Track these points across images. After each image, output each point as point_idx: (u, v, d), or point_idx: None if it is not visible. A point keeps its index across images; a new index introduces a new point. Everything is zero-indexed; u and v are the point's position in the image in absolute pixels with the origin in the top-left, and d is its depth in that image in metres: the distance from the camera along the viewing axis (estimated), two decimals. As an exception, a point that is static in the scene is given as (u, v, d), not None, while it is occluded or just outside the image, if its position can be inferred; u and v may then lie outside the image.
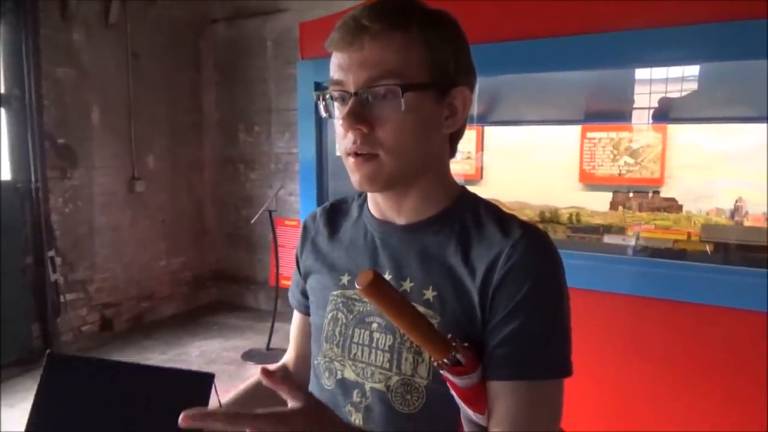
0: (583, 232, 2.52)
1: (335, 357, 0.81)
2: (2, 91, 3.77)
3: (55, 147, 4.01)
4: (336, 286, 0.83)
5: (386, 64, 0.70)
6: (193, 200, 5.16)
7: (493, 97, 2.93)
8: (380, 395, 0.77)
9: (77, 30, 4.11)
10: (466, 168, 2.94)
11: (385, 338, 0.77)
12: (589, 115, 2.68)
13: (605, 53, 2.09)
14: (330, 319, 0.82)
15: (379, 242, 0.81)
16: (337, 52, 0.74)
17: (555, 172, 2.70)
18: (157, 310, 4.82)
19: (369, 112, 0.72)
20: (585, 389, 2.21)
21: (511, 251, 0.71)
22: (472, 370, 0.69)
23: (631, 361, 2.11)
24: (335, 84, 0.74)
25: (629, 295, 2.07)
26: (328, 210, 0.92)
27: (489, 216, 0.77)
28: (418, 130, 0.73)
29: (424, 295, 0.75)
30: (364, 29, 0.70)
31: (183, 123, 4.99)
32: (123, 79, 4.44)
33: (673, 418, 1.99)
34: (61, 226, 4.07)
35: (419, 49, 0.72)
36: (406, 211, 0.80)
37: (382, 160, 0.73)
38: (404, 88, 0.70)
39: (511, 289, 0.70)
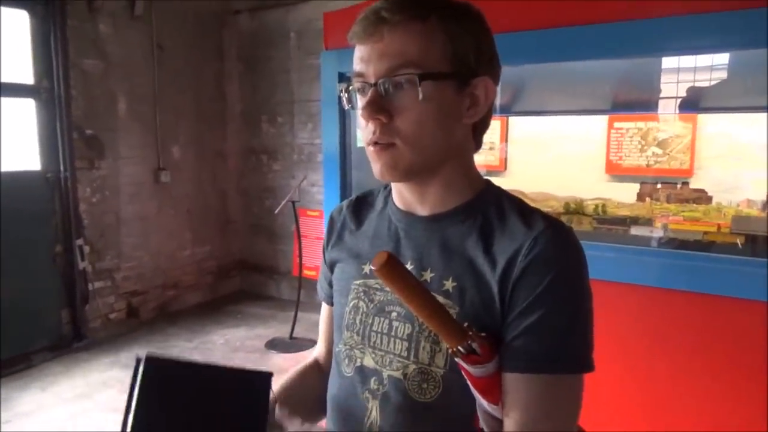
0: (610, 223, 2.48)
1: (355, 345, 0.83)
2: (32, 83, 3.84)
3: (83, 138, 4.08)
4: (359, 275, 0.84)
5: (405, 54, 0.71)
6: (217, 190, 5.22)
7: (518, 87, 2.90)
8: (397, 383, 0.77)
9: (104, 22, 4.17)
10: (490, 159, 2.91)
11: (404, 327, 0.78)
12: (616, 105, 2.63)
13: (633, 41, 2.05)
14: (351, 308, 0.84)
15: (402, 233, 0.82)
16: (358, 44, 0.74)
17: (580, 162, 2.66)
18: (182, 298, 4.90)
19: (388, 102, 0.72)
20: (611, 381, 2.19)
21: (532, 243, 0.71)
22: (487, 359, 0.69)
23: (659, 354, 2.08)
24: (357, 76, 0.75)
25: (656, 287, 2.03)
26: (354, 202, 0.93)
27: (512, 209, 0.77)
28: (437, 119, 0.73)
29: (444, 286, 0.76)
30: (384, 20, 0.71)
31: (207, 114, 5.04)
32: (148, 70, 4.49)
33: (702, 412, 1.97)
34: (89, 216, 4.15)
35: (439, 40, 0.72)
36: (430, 202, 0.80)
37: (399, 149, 0.73)
38: (421, 77, 0.70)
39: (532, 281, 0.70)
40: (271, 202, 4.97)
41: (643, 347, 2.12)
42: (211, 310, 4.83)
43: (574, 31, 2.11)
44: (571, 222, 2.57)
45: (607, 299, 2.11)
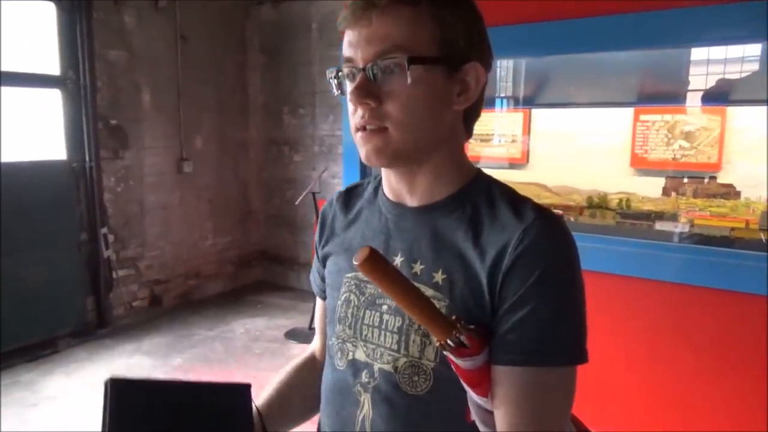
0: (634, 218, 2.44)
1: (347, 338, 0.82)
2: (58, 74, 3.91)
3: (107, 128, 4.14)
4: (350, 269, 0.83)
5: (394, 38, 0.70)
6: (238, 181, 5.26)
7: (542, 79, 2.86)
8: (388, 376, 0.77)
9: (129, 13, 4.21)
10: (512, 152, 2.88)
11: (394, 320, 0.77)
12: (642, 97, 2.58)
13: (660, 32, 2.01)
14: (343, 301, 0.83)
15: (392, 224, 0.82)
16: (347, 29, 0.74)
17: (605, 156, 2.61)
18: (203, 287, 4.96)
19: (377, 87, 0.72)
20: (629, 377, 2.17)
21: (522, 235, 0.70)
22: (476, 352, 0.68)
23: (681, 350, 2.05)
24: (347, 61, 0.74)
25: (680, 284, 2.00)
26: (343, 194, 0.93)
27: (502, 199, 0.76)
28: (426, 104, 0.73)
29: (434, 278, 0.75)
30: (373, 5, 0.71)
31: (229, 105, 5.07)
32: (172, 61, 4.53)
33: (725, 409, 1.94)
34: (113, 205, 4.22)
35: (428, 24, 0.71)
36: (419, 192, 0.79)
37: (390, 133, 0.73)
38: (410, 60, 0.70)
39: (522, 273, 0.69)
40: (292, 194, 4.99)
41: (666, 343, 2.09)
42: (231, 299, 4.88)
43: (599, 21, 2.08)
44: (594, 216, 2.54)
45: (629, 294, 2.10)
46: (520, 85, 2.86)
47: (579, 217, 2.57)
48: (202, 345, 3.93)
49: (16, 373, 3.43)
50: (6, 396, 3.20)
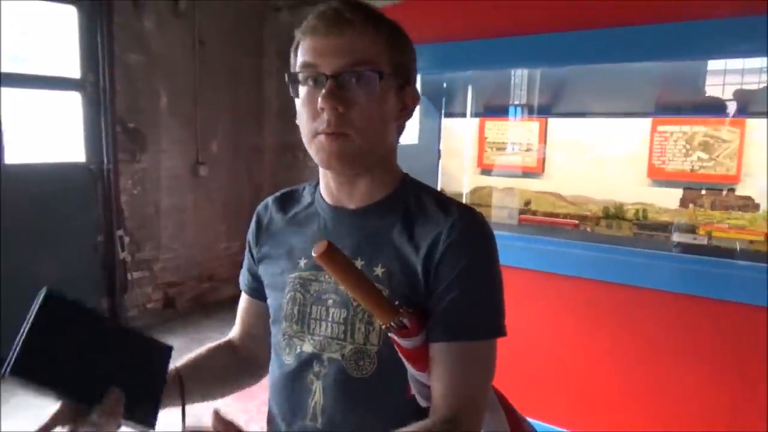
0: (650, 229, 2.42)
1: (294, 333, 0.89)
2: (78, 77, 3.96)
3: (125, 131, 4.19)
4: (293, 269, 0.91)
5: (363, 52, 0.78)
6: (252, 185, 5.29)
7: (559, 88, 2.85)
8: (337, 364, 0.85)
9: (148, 18, 4.26)
10: (528, 161, 2.87)
11: (340, 312, 0.85)
12: (660, 108, 2.56)
13: (678, 43, 2.01)
14: (288, 299, 0.90)
15: (331, 226, 0.90)
16: (313, 37, 0.80)
17: (621, 166, 2.59)
18: (217, 290, 4.99)
19: (344, 95, 0.78)
20: (619, 382, 2.16)
21: (450, 230, 0.81)
22: (415, 333, 0.78)
23: (685, 360, 2.04)
24: (308, 67, 0.80)
25: (684, 294, 2.00)
26: (279, 198, 1.01)
27: (430, 199, 0.87)
28: (381, 115, 0.82)
29: (374, 272, 0.84)
30: (345, 19, 0.78)
31: (245, 109, 5.11)
32: (190, 65, 4.57)
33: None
34: (129, 207, 4.26)
35: (387, 48, 0.81)
36: (358, 196, 0.88)
37: (353, 138, 0.80)
38: (380, 75, 0.79)
39: (451, 262, 0.80)
40: (306, 198, 5.00)
41: (677, 356, 2.07)
42: (244, 303, 4.89)
43: (616, 32, 2.08)
44: (610, 227, 2.52)
45: (625, 301, 2.09)
46: (537, 94, 2.85)
47: (595, 227, 2.56)
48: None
49: (31, 372, 3.46)
50: (20, 396, 3.22)
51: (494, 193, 2.93)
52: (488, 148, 2.97)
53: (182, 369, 0.93)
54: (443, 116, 3.08)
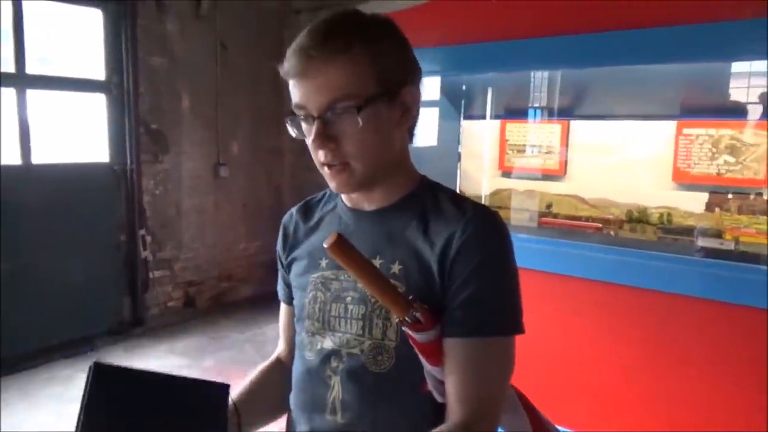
0: (675, 233, 2.37)
1: (316, 331, 0.91)
2: (103, 79, 4.03)
3: (148, 132, 4.24)
4: (316, 269, 0.93)
5: (339, 88, 0.79)
6: (272, 186, 5.32)
7: (582, 90, 2.81)
8: (355, 359, 0.86)
9: (171, 21, 4.32)
10: (549, 163, 2.84)
11: (359, 308, 0.87)
12: (685, 111, 2.51)
13: (702, 45, 1.98)
14: (311, 299, 0.92)
15: (351, 228, 0.92)
16: (294, 79, 0.82)
17: (645, 169, 2.55)
18: (235, 290, 5.03)
19: (333, 130, 0.81)
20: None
21: (465, 227, 0.82)
22: (429, 327, 0.79)
23: (718, 369, 2.00)
24: (299, 108, 0.83)
25: (726, 302, 1.96)
26: (302, 207, 1.03)
27: (446, 198, 0.88)
28: (378, 135, 0.83)
29: (391, 269, 0.85)
30: (312, 58, 0.78)
31: (265, 111, 5.14)
32: (211, 68, 4.62)
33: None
34: (151, 207, 4.31)
35: (364, 64, 0.80)
36: (375, 199, 0.91)
37: (352, 167, 0.83)
38: (358, 107, 0.79)
39: (466, 259, 0.81)
40: (325, 200, 5.02)
41: (705, 360, 2.04)
42: (263, 303, 4.91)
43: (638, 34, 2.05)
44: (634, 230, 2.48)
45: (673, 312, 2.06)
46: (559, 96, 2.82)
47: (618, 230, 2.52)
48: (234, 347, 3.98)
49: (54, 369, 3.53)
50: (44, 390, 3.29)
51: (515, 196, 2.90)
52: (509, 150, 2.94)
53: (238, 402, 0.93)
54: (462, 118, 3.06)
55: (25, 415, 3.04)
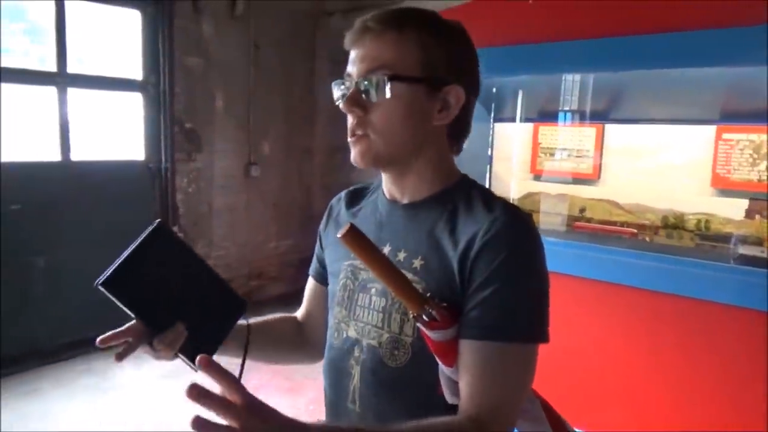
0: (713, 240, 2.32)
1: (343, 318, 0.93)
2: (140, 79, 4.12)
3: (183, 131, 4.32)
4: (348, 258, 0.94)
5: (380, 58, 0.82)
6: (302, 186, 5.36)
7: (617, 93, 2.77)
8: (374, 350, 0.88)
9: (207, 22, 4.39)
10: (584, 167, 2.80)
11: (380, 301, 0.88)
12: (725, 115, 2.45)
13: (740, 49, 1.92)
14: (341, 286, 0.95)
15: (384, 219, 0.94)
16: (349, 49, 0.87)
17: (683, 174, 2.49)
18: (265, 289, 5.08)
19: (364, 99, 0.84)
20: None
21: (489, 226, 0.80)
22: (444, 326, 0.78)
23: (760, 378, 1.94)
24: (347, 76, 0.87)
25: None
26: (350, 192, 1.06)
27: (479, 198, 0.87)
28: (405, 117, 0.84)
29: (413, 264, 0.86)
30: (367, 29, 0.84)
31: (297, 111, 5.19)
32: (245, 68, 4.68)
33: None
34: (184, 205, 4.39)
35: (412, 48, 0.83)
36: (408, 192, 0.91)
37: (371, 139, 0.85)
38: (391, 78, 0.81)
39: (487, 259, 0.79)
40: (354, 200, 5.03)
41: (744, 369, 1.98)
42: (292, 301, 4.90)
43: (678, 37, 2.01)
44: (670, 237, 2.43)
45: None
46: (593, 99, 2.78)
47: (654, 236, 2.47)
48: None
49: (91, 361, 3.62)
50: (79, 381, 3.38)
51: (546, 199, 2.87)
52: (541, 153, 2.91)
53: (252, 325, 0.99)
54: (493, 121, 3.04)
55: (60, 403, 3.13)
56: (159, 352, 0.86)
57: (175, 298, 0.85)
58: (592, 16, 2.20)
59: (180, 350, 0.85)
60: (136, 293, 0.83)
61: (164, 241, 0.85)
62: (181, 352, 0.85)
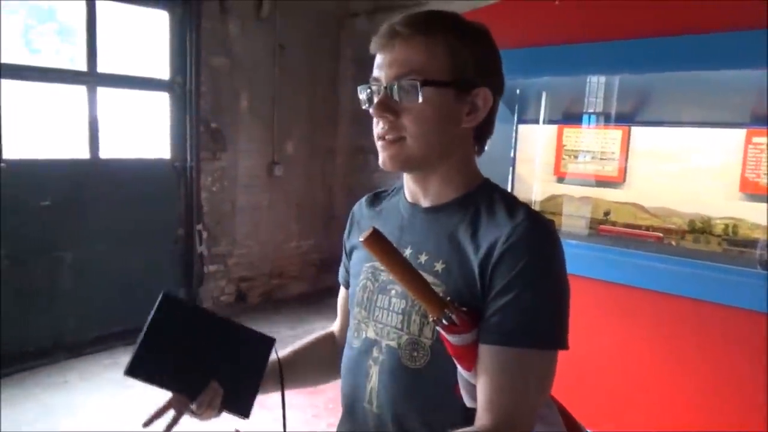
0: (741, 245, 2.27)
1: (362, 319, 0.94)
2: (167, 78, 4.18)
3: (208, 131, 4.38)
4: (369, 259, 0.95)
5: (411, 63, 0.83)
6: (325, 186, 5.39)
7: (644, 95, 2.73)
8: (393, 351, 0.88)
9: (233, 22, 4.45)
10: (608, 169, 2.76)
11: (400, 303, 0.88)
12: (756, 119, 2.40)
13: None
14: (361, 287, 0.96)
15: (406, 222, 0.94)
16: (376, 53, 0.87)
17: (710, 178, 2.45)
18: (286, 287, 5.12)
19: (396, 103, 0.84)
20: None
21: (511, 231, 0.80)
22: (464, 330, 0.78)
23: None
24: (374, 80, 0.87)
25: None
26: (371, 197, 1.08)
27: (501, 202, 0.87)
28: (436, 120, 0.84)
29: (434, 267, 0.86)
30: (396, 33, 0.83)
31: (320, 112, 5.22)
32: (270, 68, 4.73)
33: None
34: (208, 203, 4.45)
35: (441, 52, 0.83)
36: (431, 195, 0.91)
37: (406, 142, 0.85)
38: (423, 83, 0.82)
39: (508, 265, 0.79)
40: (376, 201, 5.04)
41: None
42: (313, 300, 4.99)
43: (707, 38, 1.97)
44: (697, 241, 2.38)
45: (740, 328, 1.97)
46: (619, 101, 2.75)
47: (680, 241, 2.43)
48: (284, 343, 4.02)
49: (116, 355, 3.69)
50: (105, 374, 3.45)
51: (570, 202, 2.85)
52: (566, 155, 2.89)
53: (284, 359, 1.01)
54: (516, 122, 3.02)
55: (86, 396, 3.19)
56: (201, 415, 0.89)
57: (201, 359, 0.86)
58: (620, 17, 2.18)
59: (223, 406, 0.86)
60: (163, 369, 0.84)
61: (173, 309, 0.86)
62: (224, 407, 0.87)
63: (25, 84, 3.51)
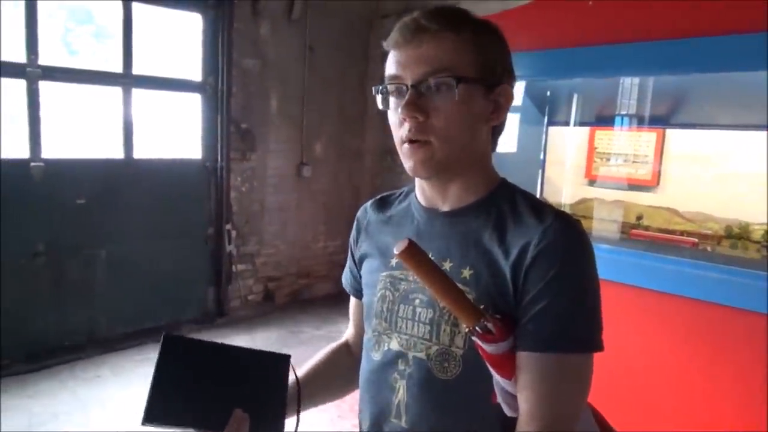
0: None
1: (383, 330, 0.90)
2: (199, 80, 4.25)
3: (238, 131, 4.44)
4: (386, 268, 0.92)
5: (441, 60, 0.79)
6: (352, 187, 5.41)
7: (678, 97, 2.67)
8: (422, 363, 0.85)
9: (264, 24, 4.49)
10: (641, 173, 2.71)
11: (426, 312, 0.85)
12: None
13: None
14: (379, 297, 0.91)
15: (423, 227, 0.90)
16: (396, 50, 0.82)
17: (749, 183, 2.38)
18: (313, 287, 5.15)
19: (424, 103, 0.80)
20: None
21: (542, 236, 0.77)
22: (501, 338, 0.76)
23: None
24: (393, 78, 0.83)
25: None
26: (377, 202, 1.03)
27: (524, 203, 0.84)
28: (467, 120, 0.82)
29: (462, 274, 0.82)
30: (423, 29, 0.79)
31: (349, 113, 5.24)
32: (299, 70, 4.76)
33: None
34: (237, 203, 4.50)
35: (470, 49, 0.80)
36: (450, 199, 0.88)
37: (434, 145, 0.81)
38: (458, 80, 0.78)
39: (542, 269, 0.77)
40: (403, 202, 5.04)
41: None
42: (339, 301, 4.99)
43: (744, 39, 1.92)
44: (734, 247, 2.32)
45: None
46: (652, 103, 2.69)
47: (717, 246, 2.36)
48: (310, 343, 4.08)
49: (146, 351, 3.76)
50: (136, 369, 3.52)
51: (601, 206, 2.79)
52: (597, 158, 2.84)
53: (302, 376, 0.98)
54: (547, 124, 2.98)
55: (116, 390, 3.26)
56: None
57: (218, 391, 0.83)
58: (654, 17, 2.13)
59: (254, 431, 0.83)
60: (180, 409, 0.81)
61: (178, 348, 0.83)
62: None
63: (63, 86, 3.60)
